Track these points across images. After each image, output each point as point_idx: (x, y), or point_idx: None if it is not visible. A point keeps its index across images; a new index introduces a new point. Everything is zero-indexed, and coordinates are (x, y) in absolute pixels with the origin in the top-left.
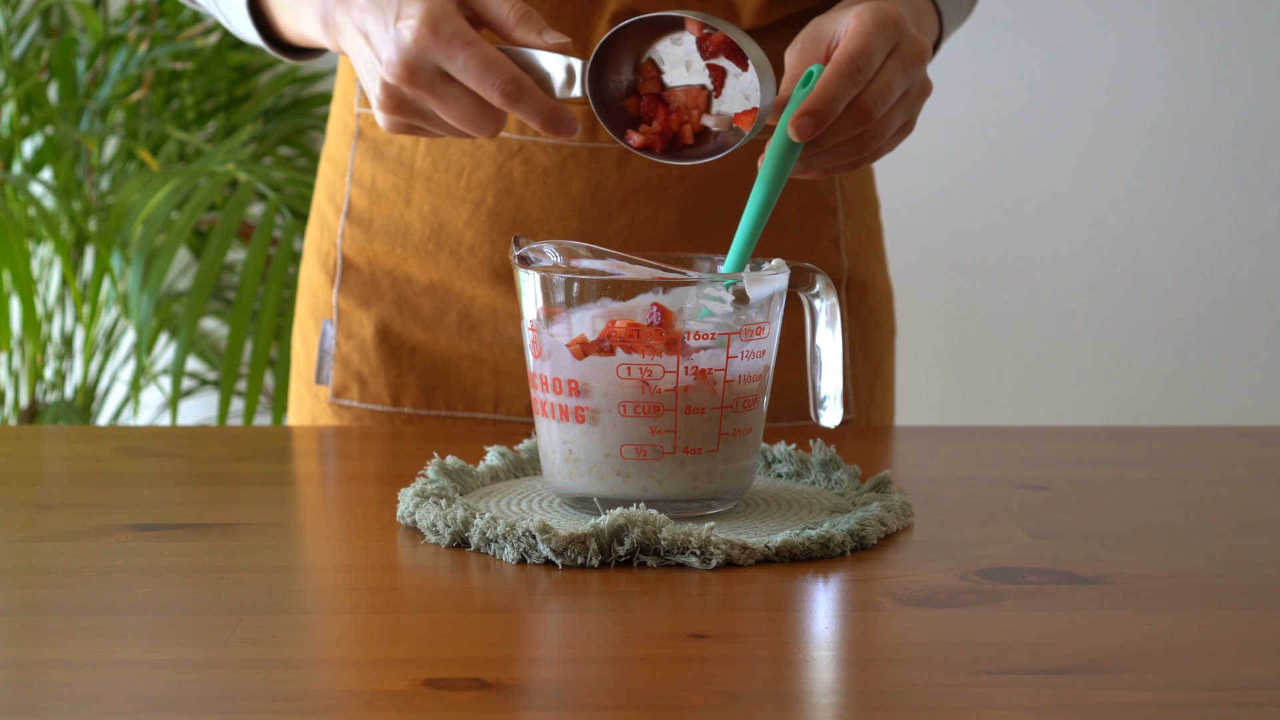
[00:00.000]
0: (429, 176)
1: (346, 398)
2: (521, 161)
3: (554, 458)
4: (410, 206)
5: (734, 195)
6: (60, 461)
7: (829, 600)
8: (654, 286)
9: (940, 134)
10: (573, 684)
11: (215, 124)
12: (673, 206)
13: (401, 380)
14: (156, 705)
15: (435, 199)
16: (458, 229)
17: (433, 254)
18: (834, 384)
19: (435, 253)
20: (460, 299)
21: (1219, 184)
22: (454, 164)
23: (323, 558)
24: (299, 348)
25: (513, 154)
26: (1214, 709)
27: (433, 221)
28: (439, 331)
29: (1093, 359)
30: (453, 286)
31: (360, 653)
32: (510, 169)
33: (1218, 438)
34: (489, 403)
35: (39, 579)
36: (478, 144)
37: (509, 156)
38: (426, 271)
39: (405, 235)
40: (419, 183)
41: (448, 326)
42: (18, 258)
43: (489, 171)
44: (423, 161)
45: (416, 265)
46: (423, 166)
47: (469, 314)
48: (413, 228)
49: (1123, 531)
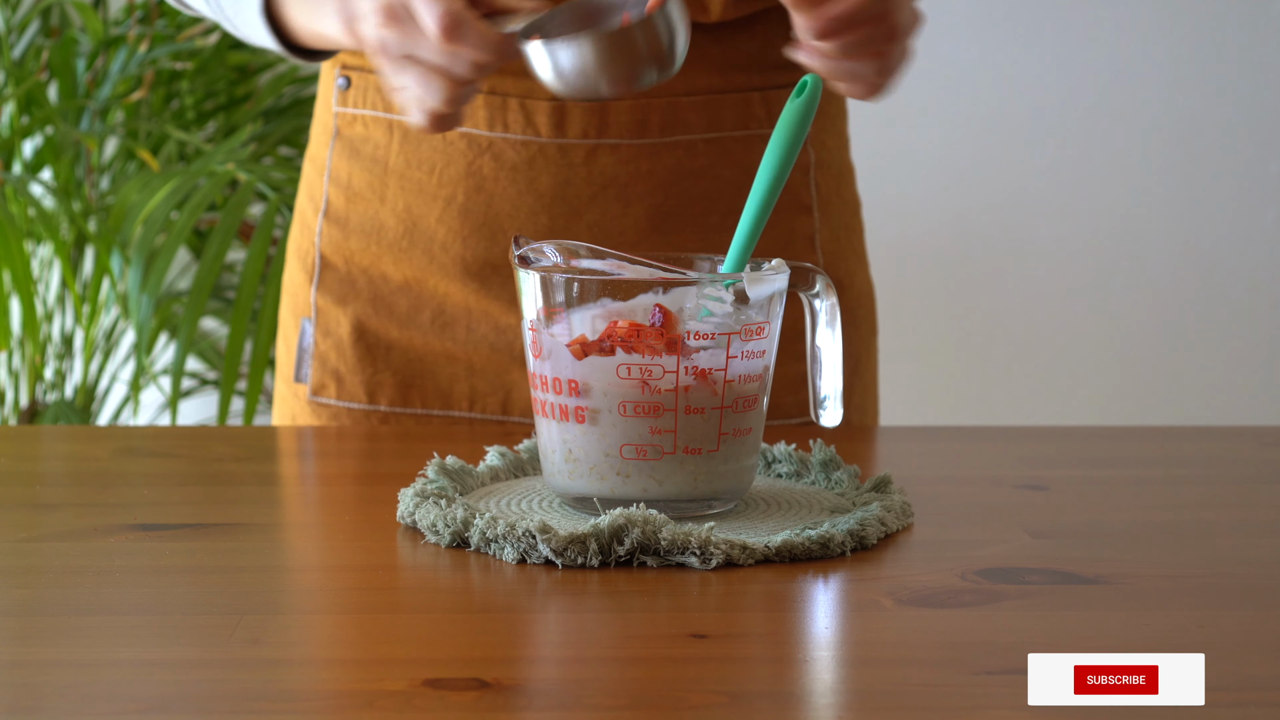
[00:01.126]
0: (402, 174)
1: (324, 396)
2: (491, 158)
3: (554, 458)
4: (384, 204)
5: (703, 192)
6: (60, 461)
7: (829, 600)
8: (654, 286)
9: (939, 134)
10: (573, 684)
11: (215, 124)
12: (641, 203)
13: (377, 378)
14: (156, 705)
15: (408, 196)
16: (430, 226)
17: (406, 251)
18: (834, 384)
19: (409, 250)
20: (434, 297)
21: (1219, 184)
22: (425, 161)
23: (322, 558)
24: (281, 346)
25: (482, 150)
26: (1214, 709)
27: (406, 219)
28: (414, 329)
29: (1092, 359)
30: (426, 284)
31: (360, 653)
32: (480, 165)
33: (1218, 438)
34: (464, 400)
35: (39, 579)
36: (449, 141)
37: (479, 153)
38: (401, 269)
39: (380, 233)
40: (393, 180)
41: (422, 324)
42: (17, 258)
43: (459, 168)
44: (396, 159)
45: (391, 263)
46: (396, 164)
47: (443, 311)
48: (387, 225)
49: (1123, 531)
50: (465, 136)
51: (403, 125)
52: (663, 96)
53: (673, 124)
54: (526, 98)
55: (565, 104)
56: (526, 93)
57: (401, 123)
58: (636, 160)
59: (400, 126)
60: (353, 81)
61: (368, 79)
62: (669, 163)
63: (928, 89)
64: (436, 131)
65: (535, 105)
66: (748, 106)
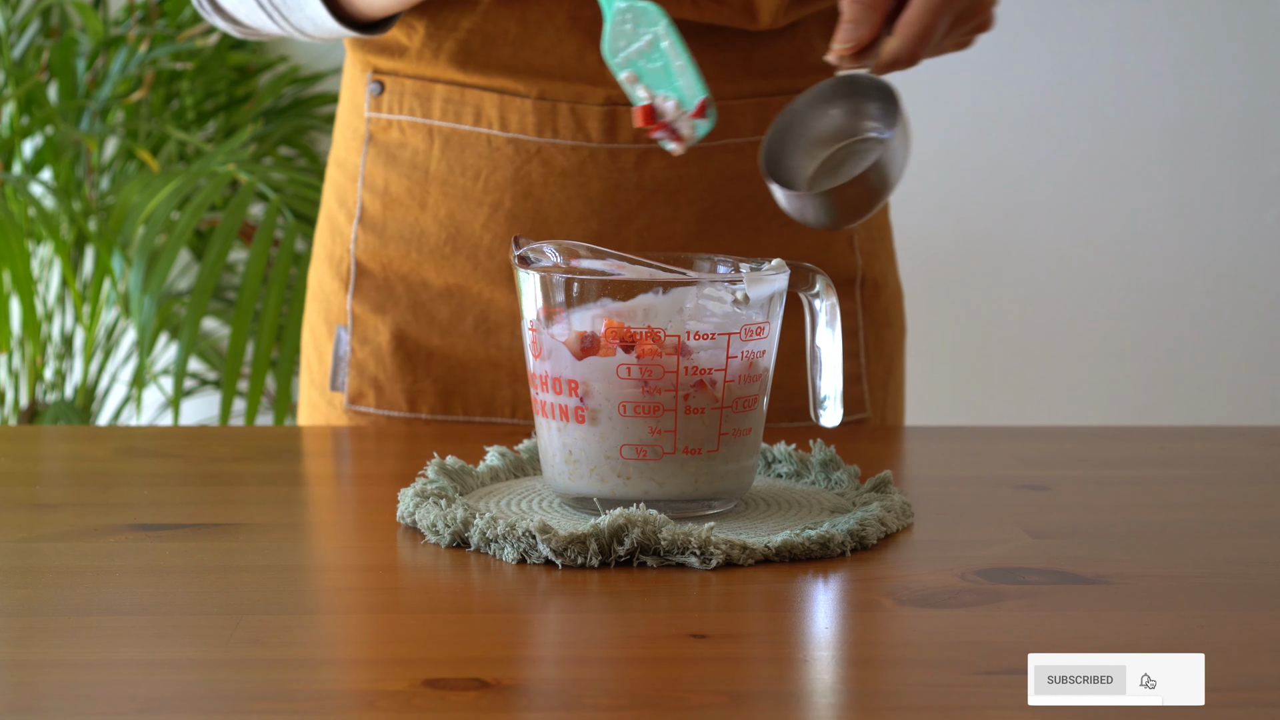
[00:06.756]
0: (444, 180)
1: (362, 404)
2: (540, 163)
3: (554, 459)
4: (425, 210)
5: (750, 195)
6: (60, 461)
7: (829, 600)
8: (654, 286)
9: (940, 134)
10: (573, 684)
11: (215, 124)
12: (691, 207)
13: (418, 386)
14: (156, 705)
15: (451, 202)
16: (475, 232)
17: (449, 258)
18: (834, 384)
19: (452, 256)
20: (478, 303)
21: (1219, 184)
22: (470, 167)
23: (323, 558)
24: (311, 354)
25: (531, 156)
26: (1214, 709)
27: (449, 225)
28: (456, 336)
29: (1093, 359)
30: (470, 290)
31: (360, 653)
32: (529, 171)
33: (1218, 438)
34: (507, 407)
35: (39, 579)
36: (495, 147)
37: (527, 159)
38: (443, 275)
39: (420, 239)
40: (434, 186)
41: (465, 331)
42: (18, 258)
43: (507, 174)
44: (438, 165)
45: (433, 269)
46: (438, 170)
47: (487, 318)
48: (428, 232)
49: (1123, 531)
50: (512, 142)
51: (443, 131)
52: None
53: (721, 128)
54: (577, 103)
55: (616, 109)
56: (577, 98)
57: (442, 128)
58: (686, 164)
59: (441, 132)
60: (386, 86)
61: (403, 84)
62: (718, 166)
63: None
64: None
65: (586, 110)
66: None
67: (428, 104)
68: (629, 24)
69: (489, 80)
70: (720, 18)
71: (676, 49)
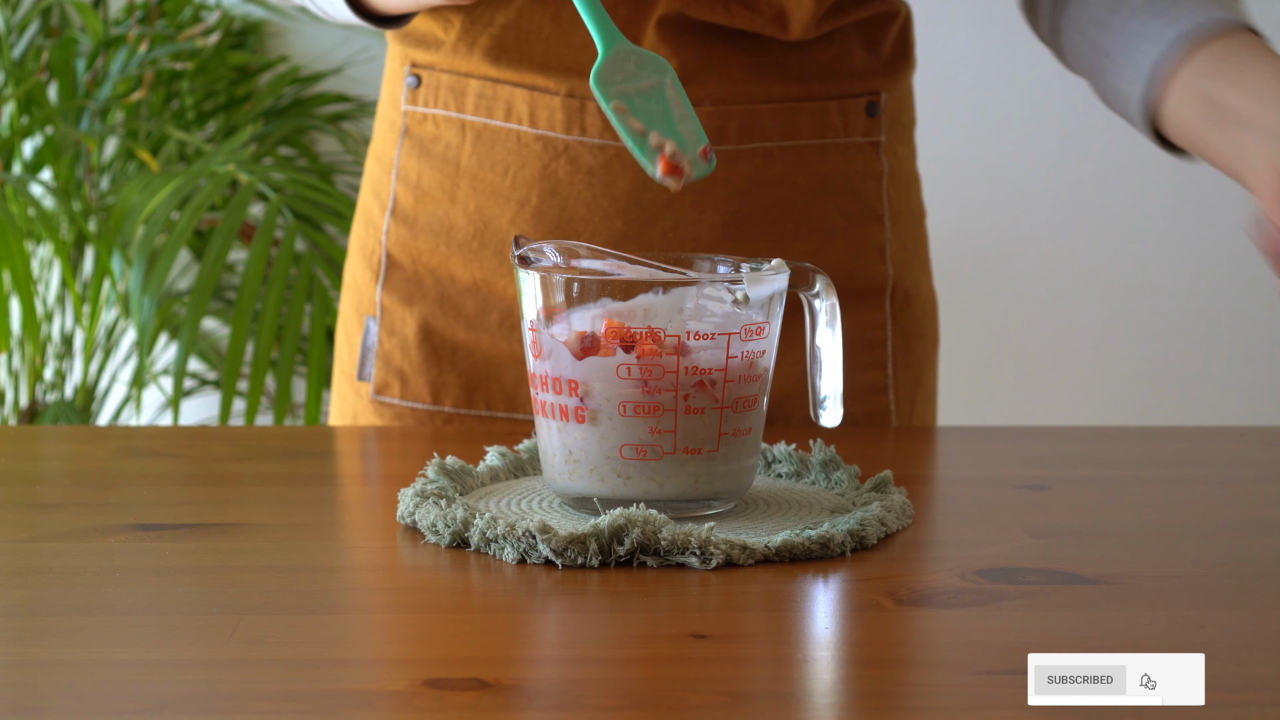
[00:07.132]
0: (474, 175)
1: (388, 395)
2: (567, 161)
3: (554, 459)
4: (455, 205)
5: (777, 199)
6: (60, 461)
7: (829, 600)
8: (654, 286)
9: (940, 134)
10: (573, 684)
11: (215, 124)
12: (717, 210)
13: (443, 379)
14: (156, 705)
15: (480, 197)
16: (502, 228)
17: (476, 253)
18: (834, 384)
19: (479, 251)
20: (503, 299)
21: (1219, 184)
22: (499, 163)
23: (323, 558)
24: (342, 344)
25: (558, 153)
26: (1214, 709)
27: (477, 220)
28: (481, 331)
29: (1093, 359)
30: (495, 286)
31: (360, 653)
32: (556, 168)
33: (1218, 438)
34: (528, 403)
35: (39, 579)
36: (524, 143)
37: (554, 156)
38: (470, 270)
39: (449, 233)
40: (464, 181)
41: (490, 326)
42: (17, 258)
43: (534, 171)
44: (468, 160)
45: (460, 264)
46: (468, 165)
47: (511, 314)
48: (457, 226)
49: (1123, 531)
50: (541, 139)
51: (475, 126)
52: (741, 104)
53: (750, 132)
54: None
55: None
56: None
57: (474, 123)
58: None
59: (473, 127)
60: (423, 80)
61: (439, 78)
62: (745, 170)
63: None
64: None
65: None
66: (824, 115)
67: (461, 98)
68: (631, 64)
69: (520, 76)
70: (752, 25)
71: (680, 100)
